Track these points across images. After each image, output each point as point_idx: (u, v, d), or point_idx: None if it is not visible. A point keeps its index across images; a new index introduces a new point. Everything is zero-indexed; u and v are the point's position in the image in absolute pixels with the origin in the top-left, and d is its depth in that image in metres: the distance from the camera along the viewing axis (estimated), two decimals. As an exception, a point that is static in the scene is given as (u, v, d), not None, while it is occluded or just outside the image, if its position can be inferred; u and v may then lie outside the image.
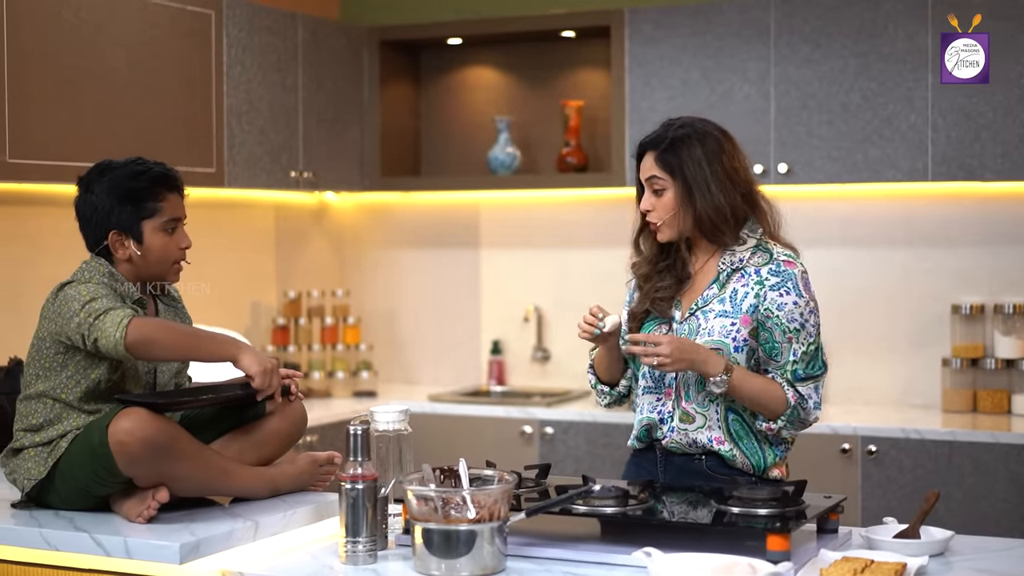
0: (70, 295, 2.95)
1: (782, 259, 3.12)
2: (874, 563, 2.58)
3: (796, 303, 3.08)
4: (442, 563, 2.59)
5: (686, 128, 3.15)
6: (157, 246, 3.08)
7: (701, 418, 3.12)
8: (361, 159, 5.71)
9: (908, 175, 4.87)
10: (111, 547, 2.73)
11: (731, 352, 3.07)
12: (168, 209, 3.09)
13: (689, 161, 3.10)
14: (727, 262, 3.13)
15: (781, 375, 3.09)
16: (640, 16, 5.24)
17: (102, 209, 3.05)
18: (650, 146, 3.16)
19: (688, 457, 3.15)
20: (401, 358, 6.04)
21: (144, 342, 2.85)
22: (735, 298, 3.10)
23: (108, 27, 4.45)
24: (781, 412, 3.08)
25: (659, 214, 3.13)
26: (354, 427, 2.74)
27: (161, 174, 3.10)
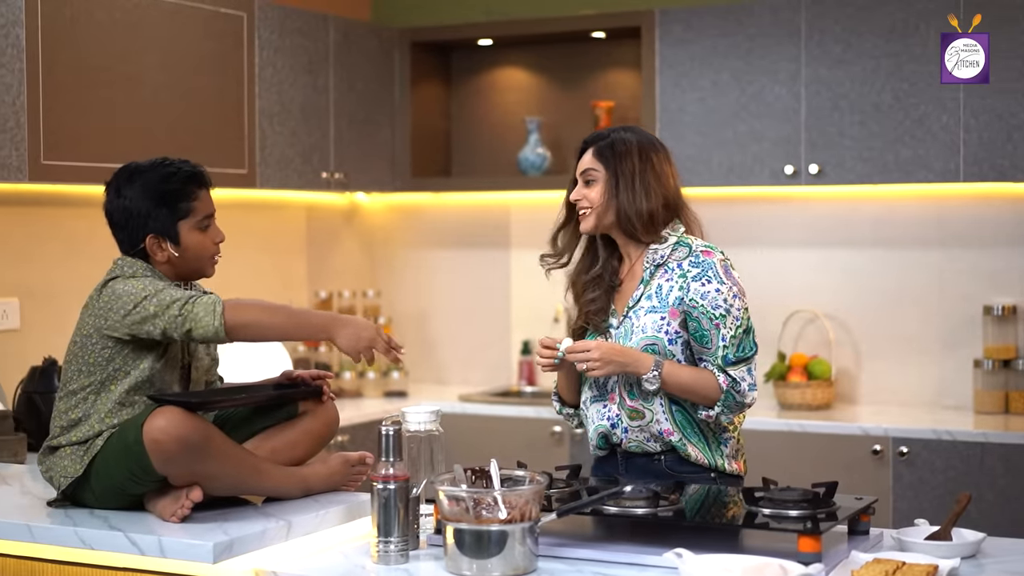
0: (120, 290, 2.97)
1: (700, 250, 3.21)
2: (905, 565, 2.57)
3: (719, 290, 3.15)
4: (473, 563, 2.60)
5: (628, 132, 3.29)
6: (194, 244, 3.10)
7: (648, 413, 3.19)
8: (392, 160, 5.73)
9: (940, 176, 4.86)
10: (145, 546, 2.74)
11: (665, 346, 3.16)
12: (201, 207, 3.12)
13: (623, 157, 3.21)
14: (650, 260, 3.22)
15: (712, 362, 3.17)
16: (670, 17, 5.24)
17: (138, 214, 3.06)
18: (592, 142, 3.28)
19: (648, 457, 3.23)
20: (431, 358, 6.06)
21: (242, 326, 2.91)
22: (660, 293, 3.19)
23: (141, 30, 4.48)
24: (716, 399, 3.16)
25: (589, 203, 3.22)
26: (386, 427, 2.75)
27: (191, 173, 3.12)
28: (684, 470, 3.19)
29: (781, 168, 5.05)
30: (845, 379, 5.31)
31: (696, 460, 3.19)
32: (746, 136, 5.11)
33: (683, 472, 3.18)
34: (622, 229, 3.22)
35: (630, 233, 3.22)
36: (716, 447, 3.22)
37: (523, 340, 5.88)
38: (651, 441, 3.20)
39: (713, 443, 3.21)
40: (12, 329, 4.46)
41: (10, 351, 4.42)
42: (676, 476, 3.16)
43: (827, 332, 5.27)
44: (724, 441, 3.23)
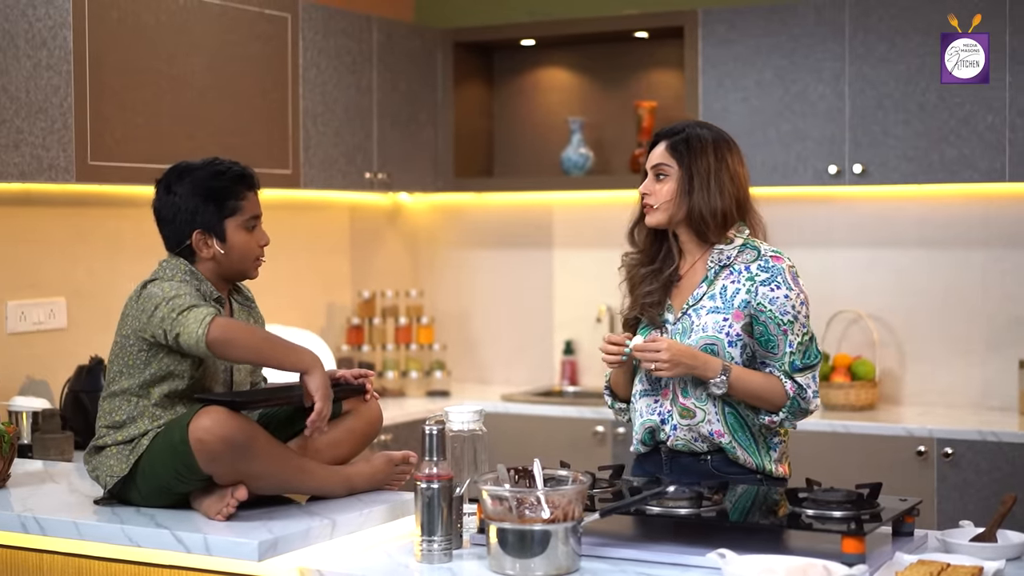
0: (153, 292, 3.00)
1: (770, 255, 3.20)
2: (950, 567, 2.56)
3: (787, 296, 3.15)
4: (517, 563, 2.61)
5: (703, 128, 3.27)
6: (239, 243, 3.13)
7: (700, 412, 3.17)
8: (435, 160, 5.74)
9: (985, 175, 4.83)
10: (191, 544, 2.77)
11: (725, 347, 3.14)
12: (248, 207, 3.15)
13: (699, 154, 3.20)
14: (715, 260, 3.21)
15: (779, 368, 3.16)
16: (714, 16, 5.23)
17: (186, 209, 3.10)
18: (665, 135, 3.26)
19: (694, 457, 3.21)
20: (474, 358, 6.07)
21: (224, 342, 2.90)
22: (725, 294, 3.17)
23: (187, 31, 4.51)
24: (781, 405, 3.15)
25: (657, 198, 3.21)
26: (430, 427, 2.76)
27: (240, 173, 3.16)
28: (730, 471, 3.17)
29: (825, 168, 5.03)
30: (889, 380, 5.29)
31: (744, 462, 3.18)
32: (790, 136, 5.10)
33: (729, 473, 3.17)
34: (692, 227, 3.21)
35: (699, 231, 3.20)
36: (765, 451, 3.20)
37: (565, 340, 5.88)
38: (699, 441, 3.19)
39: (763, 447, 3.20)
40: (59, 328, 4.50)
41: (57, 350, 4.47)
42: (721, 477, 3.15)
43: (871, 332, 5.24)
44: (774, 445, 3.22)
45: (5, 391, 4.24)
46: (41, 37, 4.01)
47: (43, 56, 4.02)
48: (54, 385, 4.42)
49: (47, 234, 4.47)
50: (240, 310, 3.25)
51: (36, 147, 4.00)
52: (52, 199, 4.46)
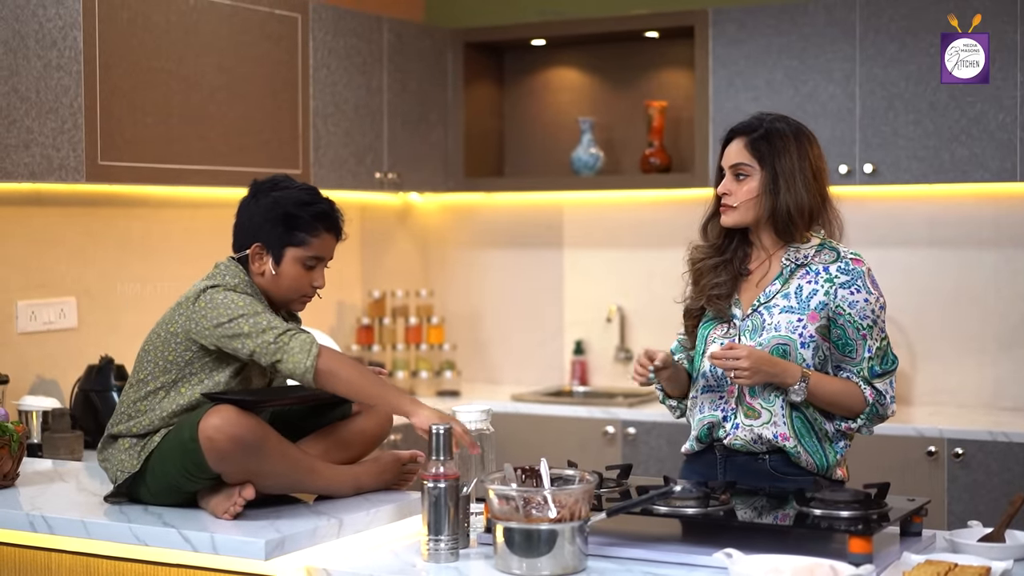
0: (220, 300, 2.98)
1: (850, 257, 3.12)
2: (957, 567, 2.55)
3: (867, 300, 3.08)
4: (523, 562, 2.60)
5: (781, 122, 3.17)
6: (291, 275, 3.10)
7: (767, 413, 3.10)
8: (445, 160, 5.75)
9: (997, 175, 4.81)
10: (198, 543, 2.77)
11: (797, 348, 3.07)
12: (317, 247, 3.11)
13: (782, 152, 3.11)
14: (791, 258, 3.13)
15: (857, 373, 3.09)
16: (724, 16, 5.22)
17: (258, 220, 3.09)
18: (742, 132, 3.17)
19: (751, 456, 3.14)
20: (484, 358, 6.07)
21: (330, 373, 2.92)
22: (800, 294, 3.10)
23: (197, 31, 4.52)
24: (860, 410, 3.09)
25: (737, 198, 3.13)
26: (437, 426, 2.76)
27: (324, 212, 3.11)
28: (790, 472, 3.10)
29: (836, 168, 5.01)
30: (900, 380, 5.26)
31: (806, 465, 3.11)
32: (800, 135, 5.08)
33: (788, 474, 3.10)
34: (775, 226, 3.12)
35: (784, 230, 3.11)
36: (832, 454, 3.14)
37: (575, 340, 5.88)
38: (758, 443, 3.11)
39: (830, 450, 3.14)
40: (69, 328, 4.51)
41: (67, 350, 4.48)
42: (779, 478, 3.09)
43: (882, 333, 5.23)
44: (839, 450, 3.16)
45: (15, 390, 4.25)
46: (51, 37, 4.02)
47: (53, 56, 4.03)
48: (64, 384, 4.43)
49: (57, 234, 4.48)
50: None
51: (46, 147, 4.01)
52: (62, 199, 4.47)
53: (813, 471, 3.12)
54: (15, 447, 3.29)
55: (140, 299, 4.64)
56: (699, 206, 5.54)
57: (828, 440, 3.14)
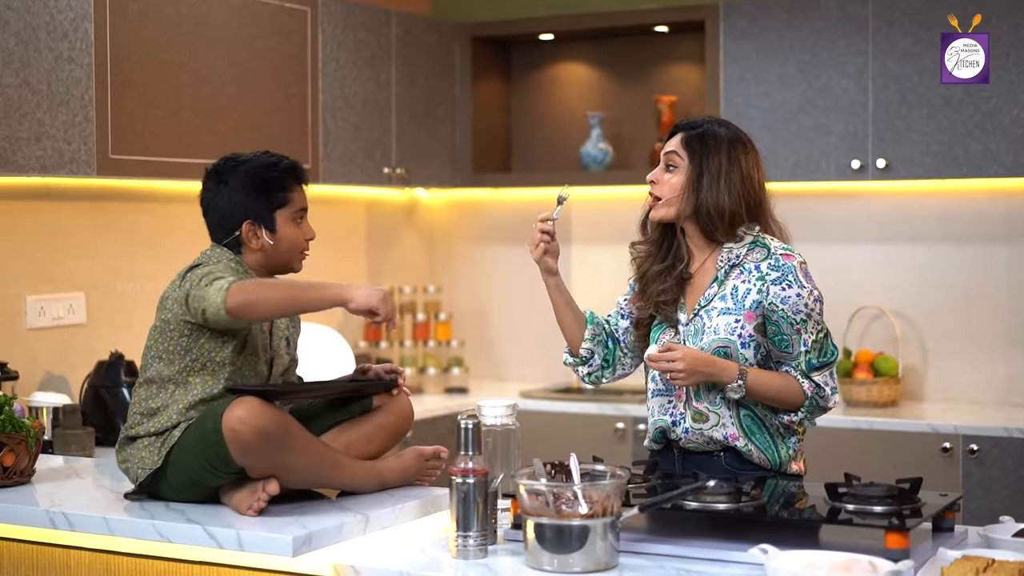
0: (196, 273, 2.98)
1: (780, 252, 3.13)
2: (996, 562, 2.52)
3: (799, 294, 3.09)
4: (555, 558, 2.57)
5: (721, 127, 3.20)
6: (288, 235, 3.14)
7: (714, 416, 3.13)
8: (453, 155, 5.71)
9: (1011, 170, 4.78)
10: (224, 539, 2.73)
11: (738, 349, 3.09)
12: (297, 199, 3.16)
13: (712, 152, 3.13)
14: (724, 259, 3.15)
15: (795, 367, 3.11)
16: (735, 10, 5.19)
17: (238, 200, 3.10)
18: (683, 128, 3.21)
19: (706, 455, 3.17)
20: (491, 354, 6.03)
21: (246, 304, 2.87)
22: (736, 294, 3.12)
23: (208, 24, 4.48)
24: (800, 404, 3.11)
25: (663, 190, 3.17)
26: (465, 421, 2.73)
27: (291, 165, 3.17)
28: (744, 468, 3.12)
29: (848, 163, 4.99)
30: (912, 376, 5.25)
31: (759, 461, 3.13)
32: (812, 130, 5.06)
33: (743, 470, 3.10)
34: (699, 225, 3.15)
35: (706, 230, 3.14)
36: (785, 449, 3.16)
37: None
38: (711, 444, 3.15)
39: (782, 446, 3.16)
40: (78, 323, 4.47)
41: (76, 345, 4.43)
42: (736, 473, 3.08)
43: (894, 329, 5.20)
44: (791, 444, 3.17)
45: (25, 386, 4.20)
46: (63, 29, 3.98)
47: (64, 48, 3.98)
48: (73, 381, 4.38)
49: (66, 229, 4.44)
50: None
51: (58, 140, 3.97)
52: (71, 193, 4.42)
53: (767, 467, 3.14)
54: (32, 443, 3.24)
55: (149, 294, 4.58)
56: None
57: (780, 436, 3.17)
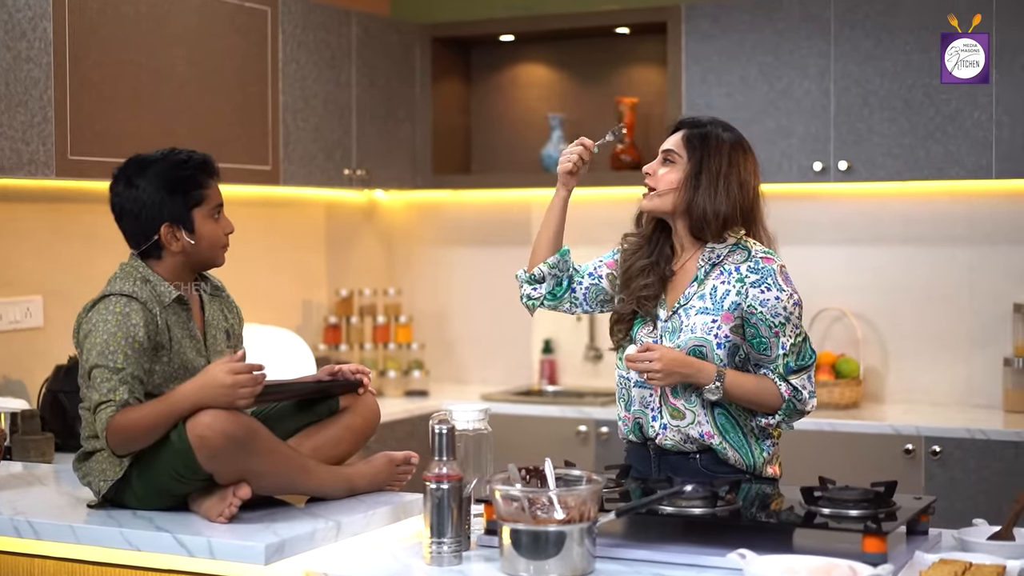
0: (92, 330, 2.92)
1: (760, 256, 3.15)
2: (973, 566, 2.52)
3: (778, 298, 3.10)
4: (531, 564, 2.54)
5: (727, 130, 3.22)
6: (208, 233, 3.06)
7: (690, 414, 3.13)
8: (413, 157, 5.67)
9: (972, 172, 4.80)
10: (194, 547, 2.68)
11: (713, 349, 3.09)
12: (212, 195, 3.08)
13: (713, 153, 3.14)
14: (706, 258, 3.16)
15: (773, 370, 3.12)
16: (697, 12, 5.18)
17: (152, 203, 3.01)
18: (686, 124, 3.24)
19: (683, 456, 3.16)
20: (451, 357, 6.00)
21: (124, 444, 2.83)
22: (715, 295, 3.12)
23: (167, 23, 4.42)
24: (777, 407, 3.11)
25: (658, 184, 3.18)
26: (439, 426, 2.70)
27: (202, 161, 3.08)
28: (720, 471, 3.11)
29: (810, 165, 4.99)
30: (873, 378, 5.26)
31: (734, 462, 3.13)
32: (774, 132, 5.06)
33: (718, 472, 3.10)
34: (690, 224, 3.15)
35: (697, 229, 3.15)
36: (759, 451, 3.15)
37: (544, 339, 5.82)
38: (687, 442, 3.14)
39: (756, 448, 3.16)
40: (36, 327, 4.39)
41: (34, 349, 4.36)
42: (711, 475, 3.08)
43: (855, 330, 5.21)
44: (766, 447, 3.17)
45: (-20, 391, 4.13)
46: (21, 28, 3.91)
47: (23, 48, 3.91)
48: (30, 385, 4.31)
49: (22, 230, 4.37)
50: (211, 301, 3.16)
51: (16, 141, 3.90)
52: (27, 195, 4.35)
53: (742, 468, 3.14)
54: (-6, 450, 3.18)
55: (108, 297, 4.51)
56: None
57: (755, 438, 3.16)
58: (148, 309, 2.93)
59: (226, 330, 3.15)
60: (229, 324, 3.18)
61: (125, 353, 2.86)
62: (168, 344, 2.96)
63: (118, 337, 2.87)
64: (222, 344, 3.12)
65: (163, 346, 2.95)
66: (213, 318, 3.13)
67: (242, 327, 3.23)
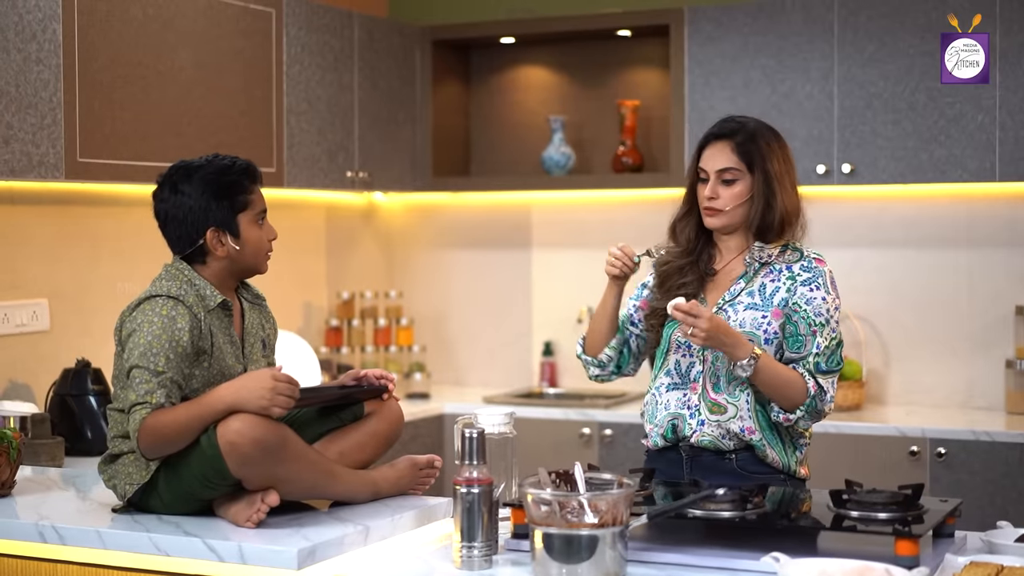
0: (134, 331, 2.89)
1: (813, 257, 3.19)
2: (1006, 568, 2.53)
3: (824, 299, 3.14)
4: (563, 568, 2.53)
5: (761, 125, 3.21)
6: (253, 239, 3.05)
7: (732, 408, 3.13)
8: (414, 159, 5.66)
9: (975, 175, 4.82)
10: (224, 552, 2.67)
11: (761, 344, 3.12)
12: (257, 201, 3.08)
13: (768, 156, 3.15)
14: (755, 257, 3.18)
15: (803, 366, 3.12)
16: (700, 15, 5.19)
17: (198, 208, 2.99)
18: (724, 136, 3.18)
19: (718, 455, 3.15)
20: (451, 360, 5.99)
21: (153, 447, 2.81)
22: (764, 292, 3.15)
23: (174, 25, 4.40)
24: (800, 402, 3.10)
25: (725, 202, 3.15)
26: (469, 430, 2.69)
27: (245, 166, 3.07)
28: (756, 471, 3.13)
29: (813, 167, 5.00)
30: (875, 380, 5.28)
31: (771, 461, 3.14)
32: (778, 135, 5.06)
33: (754, 473, 3.13)
34: (760, 228, 3.15)
35: (765, 231, 3.15)
36: (792, 451, 3.17)
37: (544, 341, 5.82)
38: (726, 438, 3.14)
39: (789, 447, 3.18)
40: (42, 330, 4.37)
41: (40, 353, 4.34)
42: (746, 477, 3.10)
43: (857, 332, 5.23)
44: (800, 447, 3.19)
45: (-13, 395, 4.11)
46: (31, 30, 3.89)
47: (33, 49, 3.89)
48: (37, 389, 4.29)
49: (29, 234, 4.34)
50: (251, 309, 3.16)
51: (26, 143, 3.87)
52: (35, 198, 4.32)
53: (778, 468, 3.15)
54: (14, 454, 3.16)
55: (113, 300, 4.48)
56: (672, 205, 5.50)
57: (789, 437, 3.18)
58: (193, 313, 2.92)
59: (263, 339, 3.14)
60: (266, 334, 3.17)
61: (167, 356, 2.85)
62: (210, 350, 2.94)
63: (162, 340, 2.85)
64: (258, 353, 3.11)
65: (205, 351, 2.93)
66: (252, 326, 3.12)
67: (276, 338, 3.22)
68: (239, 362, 3.05)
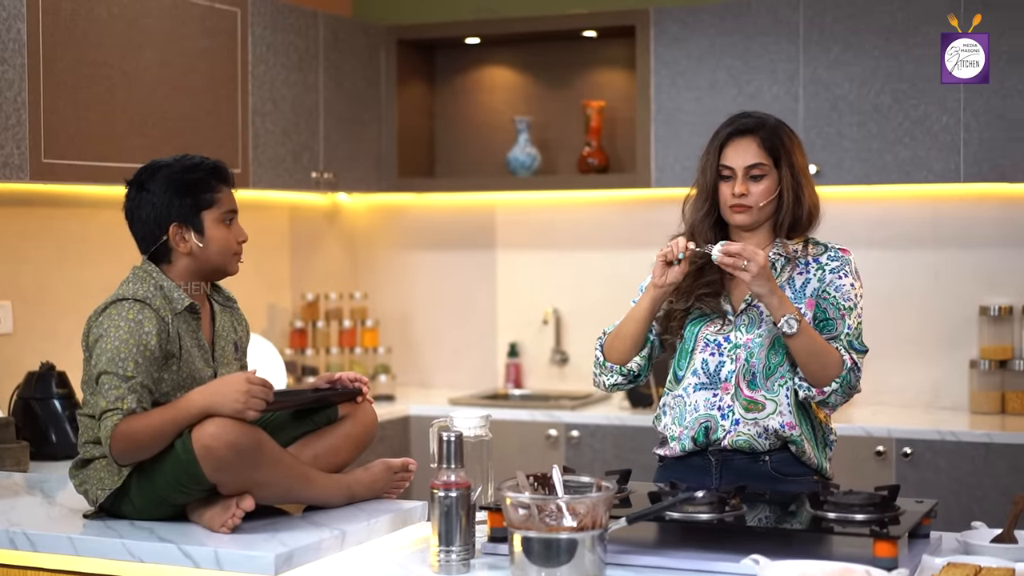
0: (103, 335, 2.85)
1: (838, 248, 3.19)
2: (983, 569, 2.53)
3: (852, 285, 3.14)
4: (542, 571, 2.52)
5: (776, 119, 3.20)
6: (218, 238, 3.02)
7: (771, 404, 3.07)
8: (379, 160, 5.63)
9: (940, 176, 4.85)
10: (200, 558, 2.64)
11: None
12: (224, 200, 3.04)
13: (790, 150, 3.14)
14: (780, 252, 3.14)
15: (838, 340, 3.09)
16: (666, 16, 5.19)
17: (160, 204, 2.97)
18: (748, 131, 3.13)
19: (751, 457, 3.09)
20: (416, 361, 5.97)
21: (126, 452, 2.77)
22: (794, 285, 3.12)
23: (139, 24, 4.35)
24: (836, 374, 3.02)
25: (756, 199, 3.11)
26: (447, 434, 2.68)
27: (213, 166, 3.05)
28: (791, 472, 3.07)
29: (779, 168, 5.01)
30: (840, 380, 5.29)
31: (808, 459, 3.08)
32: (744, 136, 5.07)
33: (789, 475, 3.06)
34: (790, 223, 3.13)
35: (792, 226, 3.14)
36: (823, 448, 3.14)
37: (509, 342, 5.81)
38: (763, 437, 3.07)
39: (821, 443, 3.14)
40: (5, 333, 4.32)
41: (3, 356, 4.29)
42: (780, 479, 3.06)
43: (823, 333, 5.24)
44: (830, 444, 3.16)
45: (-50, 399, 4.05)
46: (-5, 29, 3.84)
47: (-3, 49, 3.85)
48: (1, 393, 4.23)
49: (-9, 235, 4.29)
50: (222, 311, 3.14)
51: (-10, 144, 3.83)
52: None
53: (814, 467, 3.10)
54: (-17, 460, 3.11)
55: (78, 303, 4.43)
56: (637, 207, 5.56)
57: (822, 434, 3.15)
58: (160, 316, 2.89)
59: (235, 342, 3.12)
60: (238, 336, 3.14)
61: (136, 361, 2.81)
62: (179, 353, 2.91)
63: (130, 344, 2.82)
64: (230, 356, 3.08)
65: (173, 355, 2.90)
66: (223, 329, 3.09)
67: (249, 341, 3.19)
68: (208, 365, 3.03)
